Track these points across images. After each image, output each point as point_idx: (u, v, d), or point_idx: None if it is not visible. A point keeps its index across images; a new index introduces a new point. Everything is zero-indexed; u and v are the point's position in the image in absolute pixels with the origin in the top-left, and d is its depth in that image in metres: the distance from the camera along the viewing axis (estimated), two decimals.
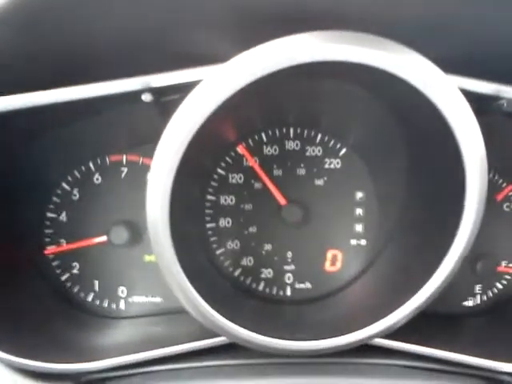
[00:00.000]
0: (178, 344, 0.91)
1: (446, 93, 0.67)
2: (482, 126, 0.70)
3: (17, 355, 0.85)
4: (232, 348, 0.89)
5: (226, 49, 0.67)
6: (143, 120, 0.83)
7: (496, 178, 1.14)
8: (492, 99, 0.78)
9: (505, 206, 1.15)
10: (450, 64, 0.68)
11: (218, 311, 0.80)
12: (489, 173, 1.10)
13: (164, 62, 0.74)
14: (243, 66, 0.65)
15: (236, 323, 0.81)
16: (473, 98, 0.69)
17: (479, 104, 0.70)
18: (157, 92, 0.76)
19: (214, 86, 0.66)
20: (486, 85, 0.77)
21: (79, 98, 0.75)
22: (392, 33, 0.65)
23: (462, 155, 0.69)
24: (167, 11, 0.69)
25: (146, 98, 0.76)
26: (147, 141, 0.72)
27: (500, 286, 1.16)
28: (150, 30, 0.74)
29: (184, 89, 0.70)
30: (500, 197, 1.14)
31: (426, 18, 0.72)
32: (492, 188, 1.12)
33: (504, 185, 1.14)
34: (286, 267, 1.11)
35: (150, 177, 0.71)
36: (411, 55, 0.66)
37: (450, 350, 0.91)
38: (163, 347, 0.91)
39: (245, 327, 0.81)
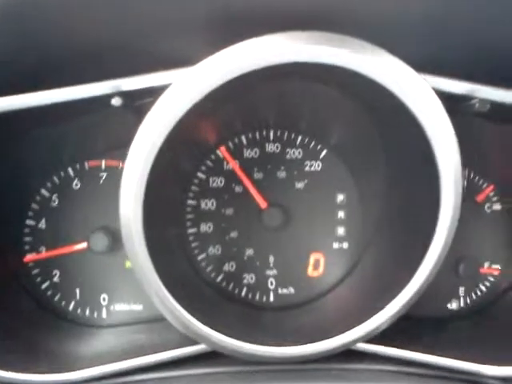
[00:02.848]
0: (160, 352, 0.90)
1: (419, 93, 0.67)
2: (459, 127, 0.70)
3: None
4: (216, 356, 0.88)
5: (197, 51, 0.67)
6: (117, 124, 0.82)
7: (476, 178, 1.14)
8: (465, 99, 0.78)
9: (486, 206, 1.15)
10: (422, 64, 0.68)
11: (198, 319, 0.79)
12: (469, 174, 1.13)
13: (135, 65, 0.74)
14: (212, 69, 0.65)
15: (217, 330, 0.80)
16: (445, 97, 0.69)
17: (452, 104, 0.70)
18: (127, 96, 0.75)
19: (183, 89, 0.66)
20: (459, 84, 0.77)
21: (49, 102, 0.74)
22: (364, 33, 0.65)
23: (435, 156, 0.69)
24: (137, 15, 0.69)
25: (116, 102, 0.75)
26: (125, 145, 0.71)
27: (483, 288, 1.16)
28: (120, 34, 0.74)
29: (155, 92, 0.69)
30: (481, 198, 1.14)
31: (398, 18, 0.72)
32: (472, 189, 1.13)
33: (484, 185, 1.14)
34: (269, 272, 1.10)
35: (123, 182, 0.70)
36: (383, 56, 0.66)
37: (435, 354, 0.91)
38: (145, 356, 0.90)
39: (226, 334, 0.81)
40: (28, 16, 0.66)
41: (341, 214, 1.10)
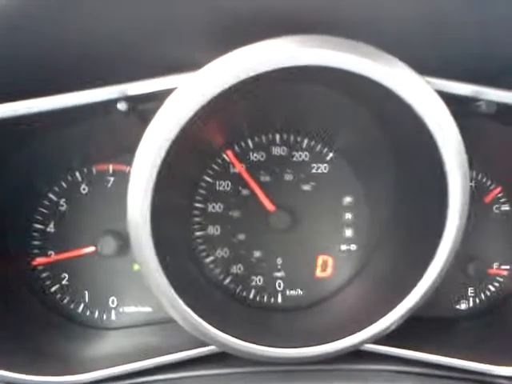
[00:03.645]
0: (169, 354, 0.90)
1: (426, 98, 0.67)
2: (466, 129, 0.70)
3: (6, 369, 0.84)
4: (225, 357, 0.88)
5: (202, 55, 0.67)
6: (124, 129, 0.82)
7: (484, 180, 1.14)
8: (471, 101, 0.78)
9: (494, 207, 1.14)
10: (428, 66, 0.68)
11: (206, 321, 0.79)
12: (477, 175, 1.13)
13: (140, 70, 0.74)
14: (217, 73, 0.65)
15: (226, 332, 0.80)
16: (452, 99, 0.68)
17: (459, 106, 0.70)
18: (133, 100, 0.76)
19: (188, 93, 0.66)
20: (465, 87, 0.77)
21: (56, 107, 0.75)
22: (369, 38, 0.65)
23: (442, 158, 0.69)
24: (142, 20, 0.69)
25: (122, 106, 0.75)
26: (132, 150, 0.71)
27: (492, 289, 1.15)
28: (126, 39, 0.74)
29: (161, 96, 0.70)
30: (488, 199, 1.14)
31: (404, 22, 0.72)
32: (480, 190, 1.13)
33: (492, 186, 1.14)
34: (277, 274, 1.11)
35: (130, 186, 0.70)
36: (389, 60, 0.66)
37: (444, 355, 0.91)
38: (155, 357, 0.90)
39: (235, 336, 0.81)
40: (38, 21, 0.67)
41: (348, 216, 1.10)
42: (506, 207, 1.14)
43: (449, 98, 0.68)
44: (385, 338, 0.84)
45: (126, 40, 0.76)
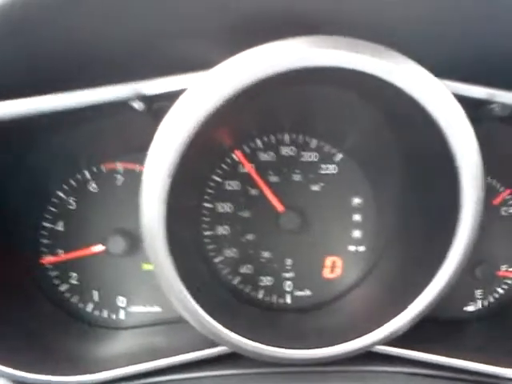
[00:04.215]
0: (179, 354, 0.90)
1: (440, 99, 0.67)
2: (477, 132, 0.69)
3: (15, 368, 0.84)
4: (235, 357, 0.88)
5: (217, 54, 0.67)
6: (136, 127, 0.82)
7: (493, 182, 1.14)
8: (485, 104, 0.78)
9: (502, 210, 1.14)
10: (441, 69, 0.68)
11: (217, 320, 0.79)
12: (485, 177, 1.12)
13: (155, 68, 0.74)
14: (232, 73, 0.65)
15: (236, 332, 0.80)
16: (465, 102, 0.68)
17: (472, 109, 0.70)
18: (148, 99, 0.75)
19: (203, 92, 0.66)
20: (479, 89, 0.77)
21: (70, 105, 0.74)
22: (383, 38, 0.65)
23: (455, 159, 0.69)
24: (157, 19, 0.69)
25: (138, 105, 0.75)
26: (142, 148, 0.71)
27: (501, 291, 1.15)
28: (141, 38, 0.74)
29: (173, 95, 0.70)
30: (497, 201, 1.14)
31: (416, 22, 0.72)
32: (489, 192, 1.12)
33: (501, 189, 1.14)
34: (286, 275, 1.11)
35: (143, 186, 0.70)
36: (403, 61, 0.66)
37: (453, 356, 0.90)
38: (164, 357, 0.90)
39: (245, 336, 0.81)
40: (51, 18, 0.67)
41: (357, 217, 1.10)
42: None
43: (462, 101, 0.68)
44: (394, 340, 0.84)
45: (138, 39, 0.75)
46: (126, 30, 0.73)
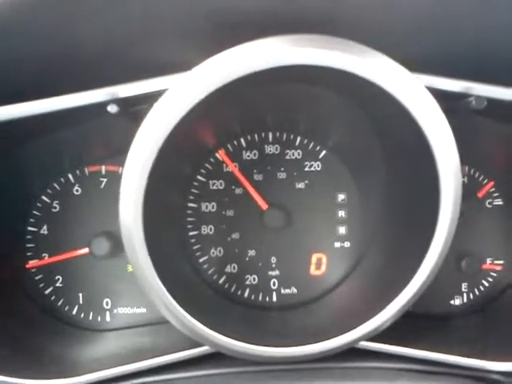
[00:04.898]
0: (165, 354, 0.90)
1: (414, 93, 0.67)
2: (458, 125, 0.70)
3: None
4: (220, 357, 0.88)
5: (193, 56, 0.67)
6: (116, 131, 0.82)
7: (476, 175, 1.14)
8: (461, 97, 0.78)
9: (487, 202, 1.15)
10: (417, 63, 0.68)
11: (200, 321, 0.79)
12: (469, 170, 1.13)
13: (130, 71, 0.74)
14: (208, 73, 0.65)
15: (220, 332, 0.80)
16: (441, 96, 0.68)
17: (448, 102, 0.70)
18: (124, 102, 0.75)
19: (179, 94, 0.66)
20: (454, 82, 0.77)
21: (48, 111, 0.74)
22: (357, 34, 0.65)
23: (433, 153, 0.69)
24: (132, 22, 0.69)
25: (112, 108, 0.75)
26: (124, 151, 0.71)
27: (486, 284, 1.16)
28: (116, 41, 0.74)
29: (152, 98, 0.69)
30: (481, 194, 1.14)
31: (392, 18, 0.72)
32: (473, 185, 1.13)
33: (485, 181, 1.14)
34: (271, 273, 1.11)
35: (122, 188, 0.70)
36: (376, 57, 0.66)
37: (440, 351, 0.91)
38: (150, 358, 0.90)
39: (229, 336, 0.81)
40: (27, 26, 0.66)
41: (341, 214, 1.10)
42: (498, 202, 1.15)
43: (438, 94, 0.68)
44: (379, 336, 0.84)
45: (115, 41, 0.75)
46: (101, 33, 0.73)
